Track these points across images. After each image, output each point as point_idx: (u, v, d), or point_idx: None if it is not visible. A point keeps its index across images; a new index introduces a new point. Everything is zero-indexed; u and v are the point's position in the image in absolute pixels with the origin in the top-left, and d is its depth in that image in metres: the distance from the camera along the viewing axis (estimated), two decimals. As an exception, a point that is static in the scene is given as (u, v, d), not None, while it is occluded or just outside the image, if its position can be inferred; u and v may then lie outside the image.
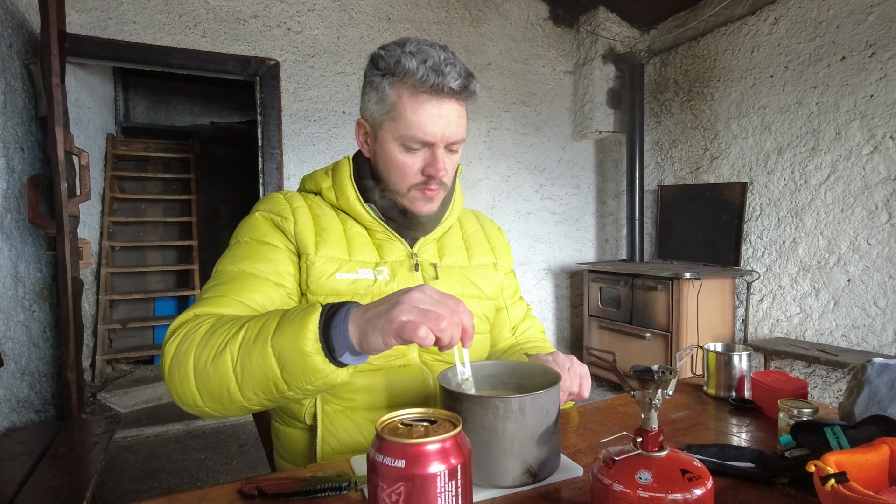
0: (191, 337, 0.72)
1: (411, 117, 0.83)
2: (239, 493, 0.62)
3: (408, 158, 0.87)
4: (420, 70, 0.81)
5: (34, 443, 1.82)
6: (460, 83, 0.83)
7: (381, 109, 0.86)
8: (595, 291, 3.59)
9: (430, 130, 0.84)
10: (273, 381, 0.66)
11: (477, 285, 1.01)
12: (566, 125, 4.06)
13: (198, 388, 0.70)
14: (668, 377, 0.53)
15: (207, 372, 0.69)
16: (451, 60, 0.83)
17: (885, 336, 2.56)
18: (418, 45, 0.84)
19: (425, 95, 0.83)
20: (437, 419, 0.51)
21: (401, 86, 0.83)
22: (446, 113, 0.84)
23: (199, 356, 0.70)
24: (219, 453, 2.64)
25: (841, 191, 2.73)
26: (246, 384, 0.67)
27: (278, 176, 3.11)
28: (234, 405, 0.70)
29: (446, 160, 0.88)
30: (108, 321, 3.76)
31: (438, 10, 3.55)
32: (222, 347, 0.69)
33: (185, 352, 0.71)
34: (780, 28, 3.01)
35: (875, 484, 0.54)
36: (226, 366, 0.68)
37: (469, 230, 1.09)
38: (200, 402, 0.71)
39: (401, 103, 0.84)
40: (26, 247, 2.23)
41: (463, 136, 0.89)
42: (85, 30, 2.67)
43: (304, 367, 0.63)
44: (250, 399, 0.69)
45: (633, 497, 0.48)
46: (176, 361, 0.71)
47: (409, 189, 0.89)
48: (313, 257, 0.88)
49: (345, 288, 0.88)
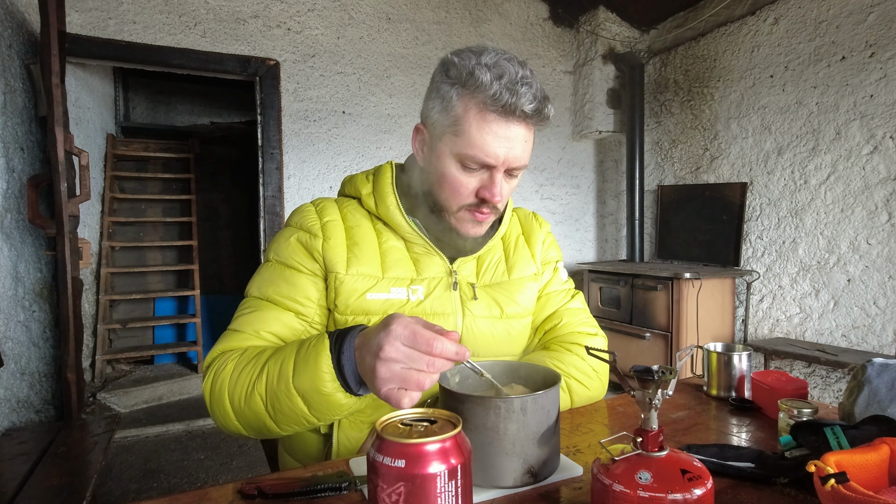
0: (221, 376, 0.76)
1: (475, 135, 0.77)
2: (239, 493, 0.62)
3: (463, 177, 0.81)
4: (493, 86, 0.75)
5: (34, 443, 1.82)
6: (534, 106, 0.77)
7: (444, 120, 0.81)
8: (595, 291, 3.59)
9: (493, 152, 0.78)
10: (303, 417, 0.71)
11: (517, 302, 0.95)
12: (566, 125, 4.06)
13: (239, 422, 0.76)
14: (668, 377, 0.53)
15: (244, 411, 0.74)
16: (528, 80, 0.77)
17: (885, 336, 2.56)
18: (496, 57, 0.77)
19: (494, 115, 0.76)
20: (438, 419, 0.51)
21: (470, 99, 0.77)
22: (514, 136, 0.78)
23: (233, 396, 0.75)
24: (219, 453, 2.64)
25: (841, 191, 2.73)
26: (280, 420, 0.73)
27: (278, 176, 3.11)
28: (275, 434, 0.76)
29: (504, 185, 0.82)
30: (108, 321, 3.76)
31: (438, 10, 3.55)
32: (251, 389, 0.73)
33: (219, 391, 0.76)
34: (780, 28, 3.01)
35: (875, 484, 0.54)
36: (258, 406, 0.73)
37: (510, 239, 1.01)
38: (245, 432, 0.77)
39: (467, 118, 0.78)
40: (26, 247, 2.23)
41: (526, 162, 0.82)
42: (85, 30, 2.67)
43: (329, 404, 0.68)
44: (287, 430, 0.75)
45: (633, 497, 0.48)
46: (214, 400, 0.77)
47: (460, 209, 0.84)
48: (343, 276, 0.85)
49: (376, 308, 0.85)
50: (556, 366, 0.88)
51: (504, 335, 0.93)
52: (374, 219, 0.92)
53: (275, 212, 3.11)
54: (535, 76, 0.79)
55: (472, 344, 0.90)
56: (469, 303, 0.91)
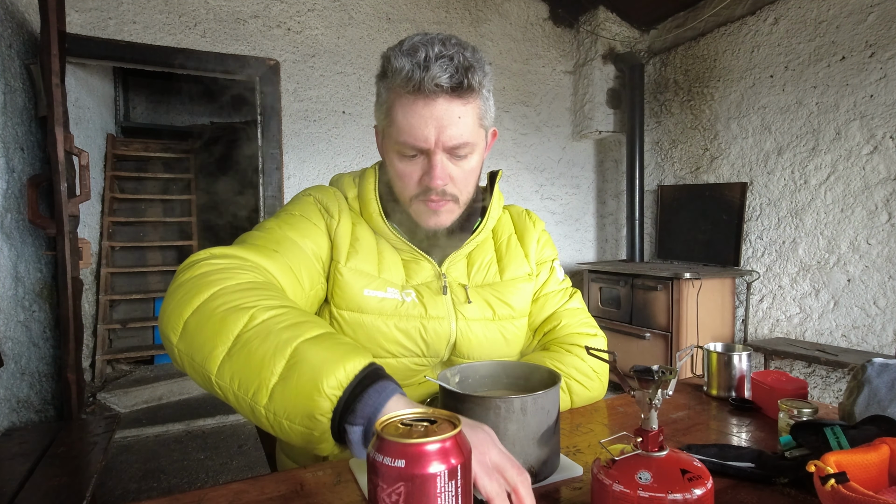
0: (225, 274, 0.65)
1: (402, 121, 0.76)
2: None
3: (406, 167, 0.80)
4: (406, 67, 0.73)
5: (34, 443, 1.82)
6: (453, 78, 0.73)
7: (380, 115, 0.81)
8: (595, 291, 3.59)
9: (422, 134, 0.75)
10: (258, 383, 0.55)
11: (510, 304, 0.92)
12: (566, 125, 4.06)
13: (187, 322, 0.61)
14: (668, 377, 0.53)
15: (212, 315, 0.60)
16: (444, 54, 0.74)
17: (885, 336, 2.56)
18: (414, 40, 0.76)
19: (411, 96, 0.74)
20: (437, 419, 0.51)
21: (392, 88, 0.77)
22: (439, 114, 0.75)
23: (218, 295, 0.62)
24: (219, 453, 2.63)
25: (841, 191, 2.73)
26: (235, 361, 0.57)
27: (278, 176, 3.11)
28: (201, 370, 0.59)
29: (451, 167, 0.79)
30: (108, 321, 3.76)
31: (438, 10, 3.55)
32: (248, 306, 0.60)
33: (206, 282, 0.63)
34: (779, 28, 3.01)
35: (875, 484, 0.54)
36: (234, 325, 0.59)
37: (502, 238, 0.98)
38: (175, 336, 0.61)
39: (394, 108, 0.77)
40: (26, 247, 2.23)
41: (468, 139, 0.78)
42: (85, 30, 2.67)
43: (306, 402, 0.53)
44: (222, 382, 0.57)
45: (633, 497, 0.48)
46: (190, 285, 0.64)
47: (411, 201, 0.83)
48: (342, 267, 0.84)
49: (372, 306, 0.83)
50: (555, 366, 0.87)
51: (498, 338, 0.92)
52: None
53: (275, 212, 3.11)
54: (462, 50, 0.75)
55: (467, 348, 0.89)
56: (461, 306, 0.89)
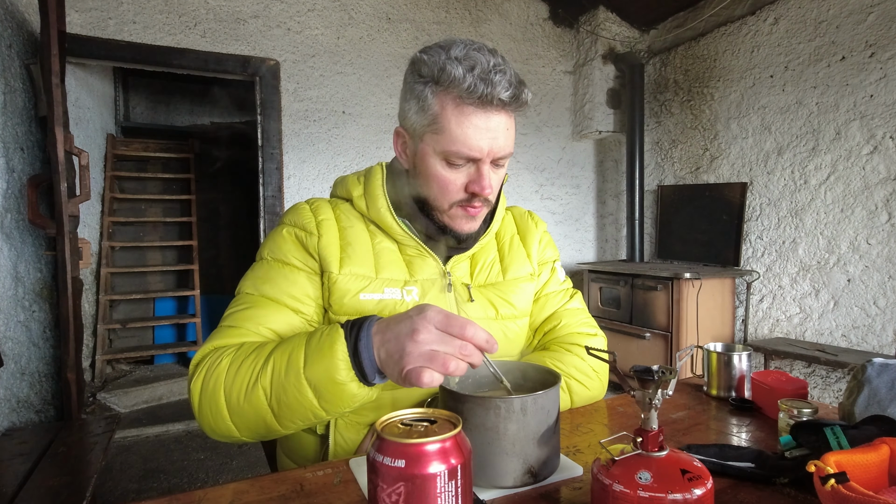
0: (215, 372, 0.72)
1: (456, 130, 0.76)
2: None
3: (450, 174, 0.81)
4: (467, 79, 0.74)
5: (34, 443, 1.82)
6: (511, 93, 0.75)
7: (422, 120, 0.80)
8: (595, 291, 3.59)
9: (477, 145, 0.77)
10: (311, 410, 0.68)
11: (512, 304, 0.94)
12: (566, 125, 4.06)
13: (233, 422, 0.71)
14: (668, 377, 0.53)
15: (242, 407, 0.70)
16: (500, 67, 0.75)
17: (885, 336, 2.56)
18: (465, 49, 0.76)
19: (472, 107, 0.75)
20: (437, 419, 0.51)
21: (445, 96, 0.76)
22: (494, 126, 0.77)
23: (230, 392, 0.70)
24: (218, 453, 2.63)
25: (841, 191, 2.73)
26: (284, 416, 0.69)
27: (278, 176, 3.11)
28: (272, 433, 0.72)
29: (492, 176, 0.81)
30: (108, 321, 3.76)
31: (438, 10, 3.55)
32: (253, 382, 0.69)
33: (213, 388, 0.71)
34: (779, 28, 3.01)
35: (875, 484, 0.54)
36: (260, 400, 0.69)
37: (505, 238, 1.00)
38: (237, 433, 0.72)
39: (444, 115, 0.77)
40: (26, 247, 2.23)
41: (511, 150, 0.82)
42: (85, 30, 2.67)
43: (341, 394, 0.66)
44: (289, 427, 0.70)
45: (633, 497, 0.48)
46: (206, 398, 0.72)
47: (451, 206, 0.83)
48: (336, 275, 0.84)
49: (370, 308, 0.84)
50: (555, 366, 0.87)
51: (500, 337, 0.92)
52: (367, 220, 0.92)
53: (275, 212, 3.11)
54: (507, 62, 0.78)
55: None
56: (465, 305, 0.90)
